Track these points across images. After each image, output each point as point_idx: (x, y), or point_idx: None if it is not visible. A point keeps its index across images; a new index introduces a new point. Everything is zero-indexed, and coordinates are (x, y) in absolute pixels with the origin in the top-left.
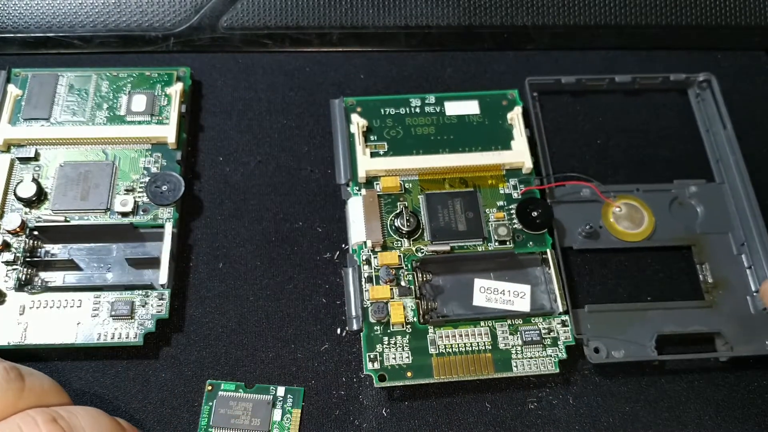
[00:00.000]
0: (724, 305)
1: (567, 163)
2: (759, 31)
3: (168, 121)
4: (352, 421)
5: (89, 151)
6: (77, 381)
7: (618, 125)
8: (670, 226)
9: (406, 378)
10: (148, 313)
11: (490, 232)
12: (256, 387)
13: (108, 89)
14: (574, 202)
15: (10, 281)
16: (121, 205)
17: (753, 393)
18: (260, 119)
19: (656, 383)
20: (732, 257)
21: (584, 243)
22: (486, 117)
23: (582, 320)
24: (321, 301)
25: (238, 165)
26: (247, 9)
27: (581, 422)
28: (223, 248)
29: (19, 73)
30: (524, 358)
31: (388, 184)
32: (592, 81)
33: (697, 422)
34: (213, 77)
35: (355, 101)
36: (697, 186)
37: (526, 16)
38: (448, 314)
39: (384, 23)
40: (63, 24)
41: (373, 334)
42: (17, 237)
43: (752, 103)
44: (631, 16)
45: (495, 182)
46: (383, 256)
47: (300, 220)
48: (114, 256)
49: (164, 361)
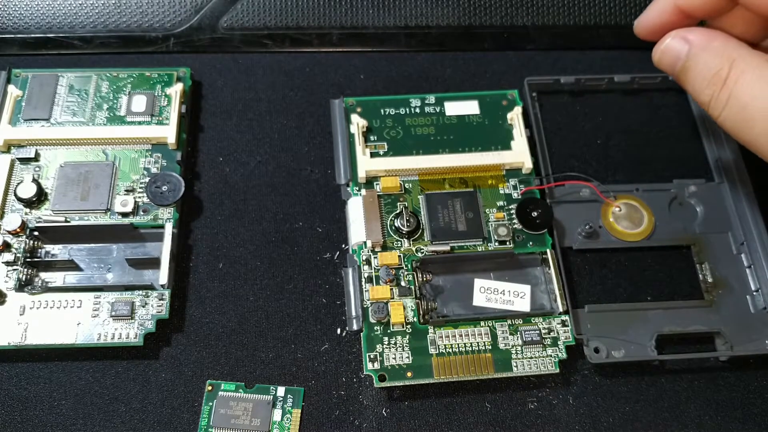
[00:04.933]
0: (723, 305)
1: (567, 163)
2: None
3: (168, 121)
4: (352, 422)
5: (89, 152)
6: (77, 381)
7: (617, 125)
8: (670, 226)
9: (406, 378)
10: (148, 314)
11: (490, 232)
12: (256, 387)
13: (108, 90)
14: (573, 202)
15: (10, 282)
16: (122, 205)
17: (753, 393)
18: (260, 119)
19: (656, 383)
20: (731, 257)
21: (584, 243)
22: (486, 117)
23: (582, 320)
24: (321, 301)
25: (238, 165)
26: (247, 9)
27: (581, 422)
28: (223, 248)
29: (19, 73)
30: (524, 358)
31: (388, 184)
32: (591, 81)
33: (697, 422)
34: (213, 78)
35: (355, 101)
36: (696, 186)
37: (526, 16)
38: (448, 314)
39: (384, 23)
40: (63, 24)
41: (373, 334)
42: (17, 237)
43: None
44: (630, 16)
45: (495, 182)
46: (383, 256)
47: (300, 220)
48: (114, 257)
49: (164, 361)
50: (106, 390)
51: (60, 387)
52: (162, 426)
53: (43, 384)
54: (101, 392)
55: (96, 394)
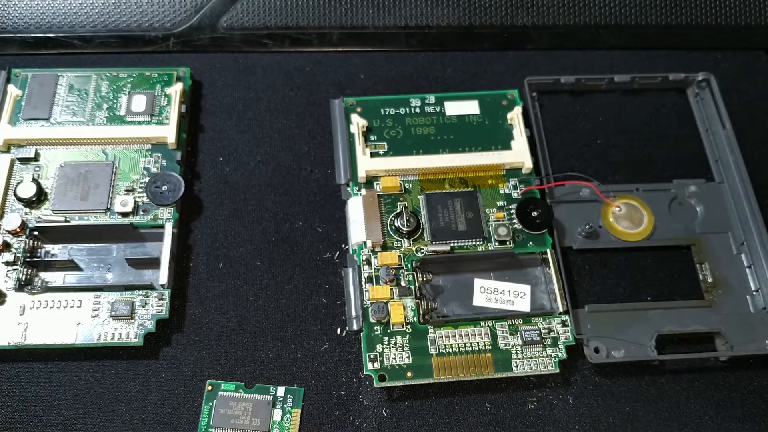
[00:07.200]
0: (723, 305)
1: (567, 163)
2: (759, 31)
3: (168, 121)
4: (352, 421)
5: (89, 152)
6: (77, 381)
7: (617, 125)
8: (670, 226)
9: (406, 378)
10: (148, 313)
11: (490, 232)
12: (256, 387)
13: (108, 89)
14: (573, 202)
15: (10, 281)
16: (121, 205)
17: (753, 393)
18: (260, 119)
19: (656, 383)
20: (731, 257)
21: (584, 243)
22: (486, 117)
23: (582, 320)
24: (321, 301)
25: (238, 165)
26: (247, 9)
27: (581, 422)
28: (223, 248)
29: (19, 73)
30: (524, 358)
31: (388, 184)
32: (591, 81)
33: (697, 422)
34: (213, 77)
35: (355, 101)
36: (696, 185)
37: (526, 16)
38: (448, 314)
39: (384, 23)
40: (63, 24)
41: (373, 334)
42: (17, 237)
43: (752, 102)
44: (630, 16)
45: (495, 182)
46: (383, 256)
47: (300, 220)
48: (114, 257)
49: (164, 361)
50: (106, 390)
51: (60, 387)
52: (162, 426)
53: (43, 384)
54: (101, 392)
55: (96, 394)
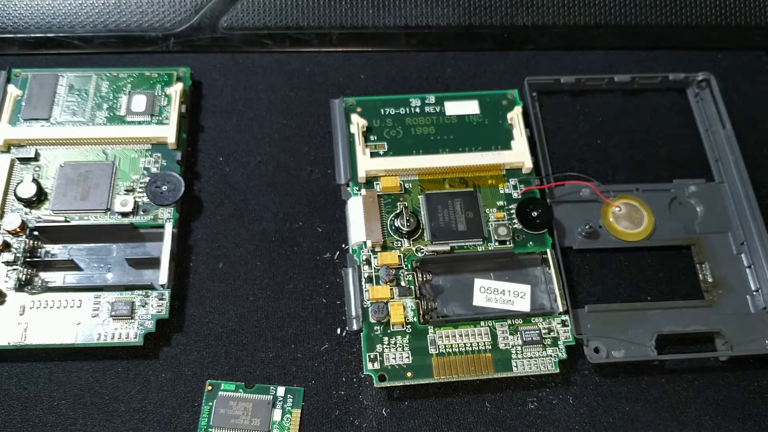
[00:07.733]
0: (723, 305)
1: (567, 163)
2: (759, 31)
3: (168, 121)
4: (352, 421)
5: (89, 152)
6: (77, 381)
7: (617, 125)
8: (670, 226)
9: (406, 378)
10: (148, 313)
11: (490, 232)
12: (256, 387)
13: (108, 89)
14: (573, 202)
15: (10, 281)
16: (121, 205)
17: (753, 393)
18: (260, 119)
19: (656, 383)
20: (731, 257)
21: (584, 243)
22: (486, 117)
23: (582, 320)
24: (321, 301)
25: (238, 165)
26: (247, 9)
27: (581, 422)
28: (223, 248)
29: (19, 73)
30: (524, 358)
31: (388, 184)
32: (591, 81)
33: (697, 422)
34: (213, 77)
35: (355, 101)
36: (696, 185)
37: (526, 16)
38: (448, 314)
39: (384, 23)
40: (63, 24)
41: (373, 334)
42: (17, 237)
43: (752, 102)
44: (630, 16)
45: (495, 182)
46: (383, 256)
47: (300, 220)
48: (114, 257)
49: (164, 361)
50: (106, 390)
51: (60, 387)
52: (162, 426)
53: (43, 384)
54: (101, 392)
55: (96, 394)
